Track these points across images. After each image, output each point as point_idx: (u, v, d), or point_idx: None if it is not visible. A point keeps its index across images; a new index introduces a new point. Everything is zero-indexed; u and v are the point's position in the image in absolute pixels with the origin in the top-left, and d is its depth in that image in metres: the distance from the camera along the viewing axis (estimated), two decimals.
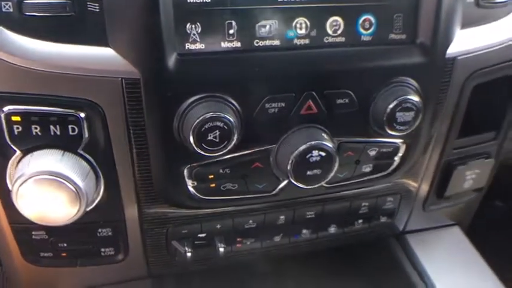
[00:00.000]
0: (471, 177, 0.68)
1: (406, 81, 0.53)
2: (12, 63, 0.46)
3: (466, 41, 0.56)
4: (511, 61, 0.61)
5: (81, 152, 0.50)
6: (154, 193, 0.55)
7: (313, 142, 0.51)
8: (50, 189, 0.48)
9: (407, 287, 0.66)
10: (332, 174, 0.54)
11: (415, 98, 0.52)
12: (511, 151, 0.73)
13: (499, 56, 0.59)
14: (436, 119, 0.59)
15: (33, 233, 0.56)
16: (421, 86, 0.53)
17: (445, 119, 0.61)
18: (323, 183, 0.55)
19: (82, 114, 0.48)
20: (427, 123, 0.57)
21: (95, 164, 0.51)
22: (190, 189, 0.54)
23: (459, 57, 0.56)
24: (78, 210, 0.49)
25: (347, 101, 0.52)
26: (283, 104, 0.51)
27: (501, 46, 0.58)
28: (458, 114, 0.61)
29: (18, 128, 0.48)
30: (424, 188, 0.67)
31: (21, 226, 0.55)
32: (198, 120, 0.47)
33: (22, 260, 0.58)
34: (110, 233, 0.57)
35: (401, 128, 0.53)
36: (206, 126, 0.47)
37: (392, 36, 0.53)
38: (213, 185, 0.54)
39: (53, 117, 0.48)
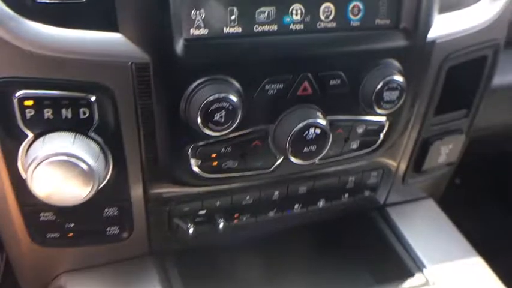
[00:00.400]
0: (445, 152, 0.74)
1: (392, 63, 0.58)
2: (24, 49, 0.47)
3: (443, 25, 0.61)
4: (481, 44, 0.67)
5: (92, 135, 0.52)
6: (160, 173, 0.58)
7: (309, 120, 0.55)
8: (63, 170, 0.50)
9: (391, 256, 0.72)
10: (326, 150, 0.58)
11: (400, 79, 0.57)
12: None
13: (471, 40, 0.65)
14: (417, 98, 0.64)
15: (41, 214, 0.57)
16: (404, 67, 0.58)
17: (424, 97, 0.66)
18: (316, 160, 0.59)
19: (93, 98, 0.51)
20: (409, 102, 0.63)
21: (104, 145, 0.53)
22: (194, 168, 0.57)
23: (438, 41, 0.61)
24: (91, 190, 0.52)
25: (339, 82, 0.57)
26: (281, 86, 0.54)
27: (473, 31, 0.64)
28: (436, 94, 0.66)
29: (30, 112, 0.50)
30: (404, 163, 0.73)
31: (30, 208, 0.57)
32: (205, 102, 0.50)
33: (29, 242, 0.60)
34: (115, 213, 0.59)
35: (388, 106, 0.58)
36: (213, 107, 0.50)
37: (378, 21, 0.57)
38: (215, 163, 0.58)
39: (65, 101, 0.50)
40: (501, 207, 1.23)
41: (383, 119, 0.63)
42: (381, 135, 0.64)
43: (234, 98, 0.51)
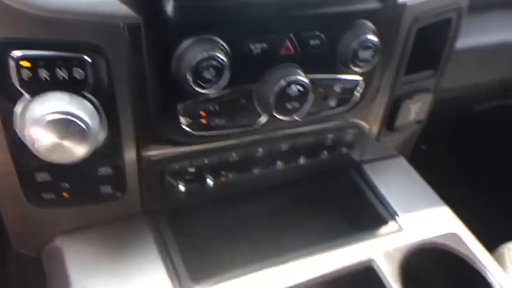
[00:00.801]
0: (415, 110, 0.79)
1: (366, 24, 0.62)
2: (18, 9, 0.49)
3: None
4: (446, 7, 0.72)
5: (87, 95, 0.55)
6: (152, 132, 0.61)
7: (292, 78, 0.59)
8: (62, 128, 0.52)
9: (367, 207, 0.77)
10: (307, 106, 0.62)
11: (374, 38, 0.61)
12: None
13: (438, 2, 0.70)
14: (389, 58, 0.69)
15: (37, 175, 0.60)
16: (378, 28, 0.63)
17: (395, 57, 0.71)
18: (297, 118, 0.63)
19: (87, 58, 0.53)
20: (382, 61, 0.67)
21: (98, 105, 0.56)
22: (184, 126, 0.60)
23: (408, 3, 0.65)
24: (88, 148, 0.54)
25: (318, 42, 0.61)
26: (265, 45, 0.58)
27: None
28: (405, 54, 0.71)
29: (26, 72, 0.52)
30: (377, 121, 0.78)
31: (26, 169, 0.59)
32: (195, 60, 0.53)
33: (25, 203, 0.62)
34: (109, 172, 0.62)
35: (363, 64, 0.62)
36: (203, 65, 0.54)
37: None
38: (204, 121, 0.61)
39: (60, 62, 0.52)
40: (466, 171, 1.31)
41: (359, 78, 0.67)
42: (357, 94, 0.69)
43: (222, 56, 0.54)
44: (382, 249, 0.68)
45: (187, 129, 0.61)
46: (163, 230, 0.68)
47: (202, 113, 0.60)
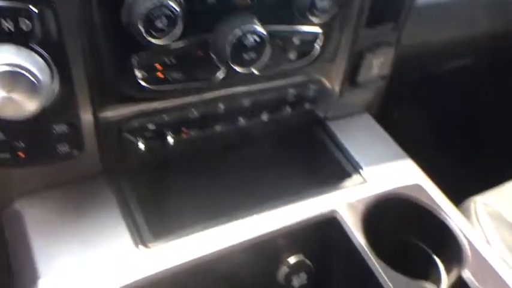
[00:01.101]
0: (377, 65, 0.79)
1: None
2: None
3: None
4: None
5: (35, 47, 0.53)
6: (107, 88, 0.59)
7: (248, 27, 0.58)
8: (10, 80, 0.50)
9: (331, 162, 0.77)
10: (265, 58, 0.61)
11: None
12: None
13: None
14: (348, 9, 0.69)
15: None
16: None
17: (355, 9, 0.70)
18: (255, 70, 0.63)
19: (34, 8, 0.51)
20: (341, 13, 0.67)
21: (49, 59, 0.54)
22: (140, 80, 0.59)
23: None
24: (39, 102, 0.53)
25: None
26: None
27: None
28: (365, 6, 0.71)
29: None
30: (340, 76, 0.77)
31: None
32: (146, 8, 0.52)
33: None
34: (65, 130, 0.60)
35: (321, 14, 0.62)
36: (154, 14, 0.52)
37: None
38: (160, 74, 0.60)
39: (5, 12, 0.50)
40: (433, 130, 1.32)
41: (318, 29, 0.66)
42: (317, 47, 0.68)
43: (174, 5, 0.53)
44: (345, 201, 0.68)
45: (144, 83, 0.60)
46: (125, 190, 0.67)
47: (158, 66, 0.59)
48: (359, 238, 0.64)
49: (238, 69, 0.60)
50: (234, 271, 0.64)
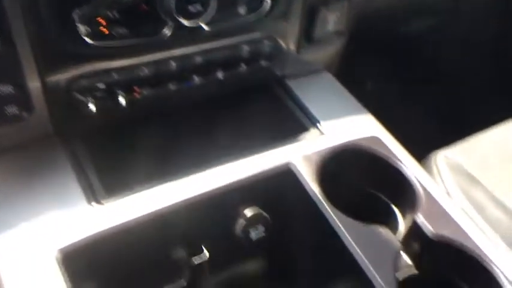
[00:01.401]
0: (333, 19, 0.79)
1: None
2: None
3: None
4: None
5: None
6: (51, 44, 0.59)
7: None
8: None
9: (289, 118, 0.77)
10: (212, 11, 0.61)
11: None
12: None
13: None
14: None
15: None
16: None
17: None
18: (204, 26, 0.62)
19: None
20: None
21: None
22: (84, 36, 0.59)
23: None
24: None
25: None
26: None
27: None
28: None
29: None
30: (295, 32, 0.77)
31: None
32: None
33: None
34: (11, 90, 0.60)
35: None
36: None
37: None
38: (104, 30, 0.59)
39: None
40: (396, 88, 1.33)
41: None
42: (268, 0, 0.68)
43: None
44: (301, 153, 0.68)
45: (88, 39, 0.59)
46: (78, 151, 0.67)
47: (101, 20, 0.59)
48: (314, 188, 0.65)
49: (184, 22, 0.60)
50: (191, 225, 0.64)
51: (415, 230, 0.63)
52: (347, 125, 0.77)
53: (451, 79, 1.30)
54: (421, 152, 0.99)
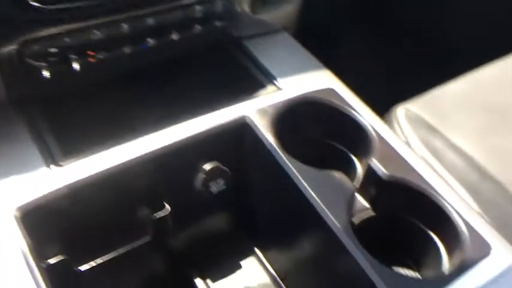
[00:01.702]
0: None
1: None
2: None
3: None
4: None
5: None
6: None
7: None
8: None
9: (246, 77, 0.78)
10: None
11: None
12: None
13: None
14: None
15: None
16: None
17: None
18: None
19: None
20: None
21: None
22: (31, 2, 0.59)
23: None
24: None
25: None
26: None
27: None
28: None
29: None
30: None
31: None
32: None
33: None
34: None
35: None
36: None
37: None
38: None
39: None
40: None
41: None
42: None
43: None
44: (256, 106, 0.70)
45: (35, 3, 0.60)
46: (35, 116, 0.67)
47: None
48: (269, 139, 0.66)
49: None
50: (151, 182, 0.66)
51: (369, 173, 0.65)
52: (305, 80, 0.78)
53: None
54: (385, 110, 1.01)
